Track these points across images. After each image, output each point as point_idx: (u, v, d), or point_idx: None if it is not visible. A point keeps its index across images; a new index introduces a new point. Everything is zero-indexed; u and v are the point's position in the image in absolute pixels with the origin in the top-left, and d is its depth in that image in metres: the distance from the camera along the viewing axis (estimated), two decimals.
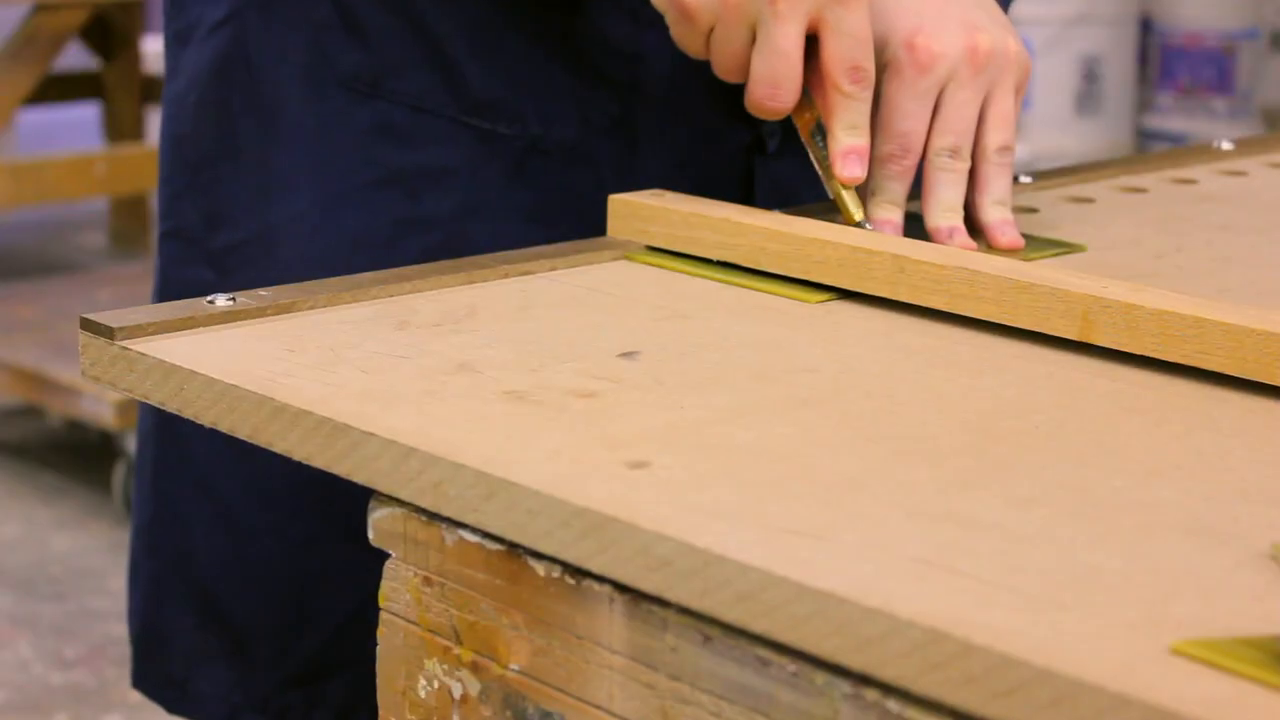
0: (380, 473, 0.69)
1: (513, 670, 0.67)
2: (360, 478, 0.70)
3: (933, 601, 0.56)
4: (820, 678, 0.59)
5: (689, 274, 0.93)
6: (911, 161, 0.97)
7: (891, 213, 0.97)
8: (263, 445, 0.74)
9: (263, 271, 1.07)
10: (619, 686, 0.64)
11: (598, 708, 0.65)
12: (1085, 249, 0.98)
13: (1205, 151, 1.26)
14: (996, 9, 1.01)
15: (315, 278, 1.00)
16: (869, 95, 0.95)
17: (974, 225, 0.98)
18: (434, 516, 0.69)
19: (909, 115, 0.96)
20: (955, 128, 0.97)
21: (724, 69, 0.95)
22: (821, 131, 0.96)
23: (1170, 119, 3.39)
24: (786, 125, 1.04)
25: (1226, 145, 1.27)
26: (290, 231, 1.07)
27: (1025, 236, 0.99)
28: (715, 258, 0.93)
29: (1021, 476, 0.67)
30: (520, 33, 1.06)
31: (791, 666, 0.59)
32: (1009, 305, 0.84)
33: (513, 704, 0.68)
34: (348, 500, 1.06)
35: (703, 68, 1.01)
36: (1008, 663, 0.53)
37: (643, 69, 1.05)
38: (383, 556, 0.69)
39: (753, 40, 0.93)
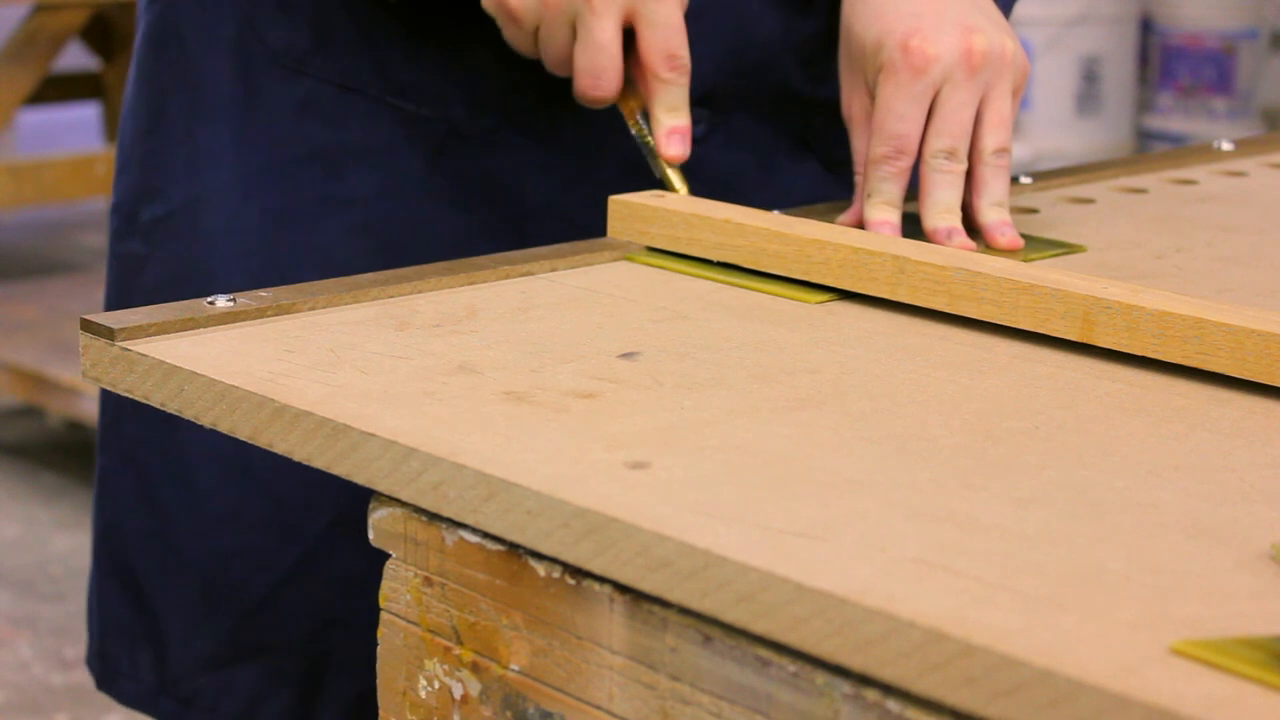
0: (380, 473, 0.69)
1: (513, 670, 0.67)
2: (360, 478, 0.70)
3: (933, 602, 0.56)
4: (820, 678, 0.59)
5: (688, 274, 0.93)
6: (906, 163, 0.98)
7: (888, 214, 0.97)
8: (263, 446, 0.74)
9: (187, 244, 1.08)
10: (619, 687, 0.64)
11: (598, 708, 0.65)
12: (1085, 250, 0.98)
13: (1205, 152, 1.26)
14: (995, 11, 1.01)
15: (238, 251, 1.01)
16: (686, 80, 0.97)
17: (972, 227, 0.98)
18: (434, 517, 0.69)
19: (903, 117, 0.97)
20: (951, 130, 0.97)
21: (553, 64, 0.98)
22: (646, 117, 1.00)
23: (1170, 119, 3.39)
24: (713, 111, 1.07)
25: (1226, 145, 1.27)
26: (215, 204, 1.07)
27: (1025, 237, 0.99)
28: (715, 258, 0.93)
29: (1021, 477, 0.67)
30: (449, 17, 1.06)
31: (792, 667, 0.59)
32: (1009, 306, 0.84)
33: (513, 704, 0.68)
34: (270, 476, 1.07)
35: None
36: (1008, 663, 0.53)
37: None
38: (299, 543, 0.70)
39: (574, 37, 0.96)
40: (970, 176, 0.99)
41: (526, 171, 1.06)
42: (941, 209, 0.97)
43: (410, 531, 0.70)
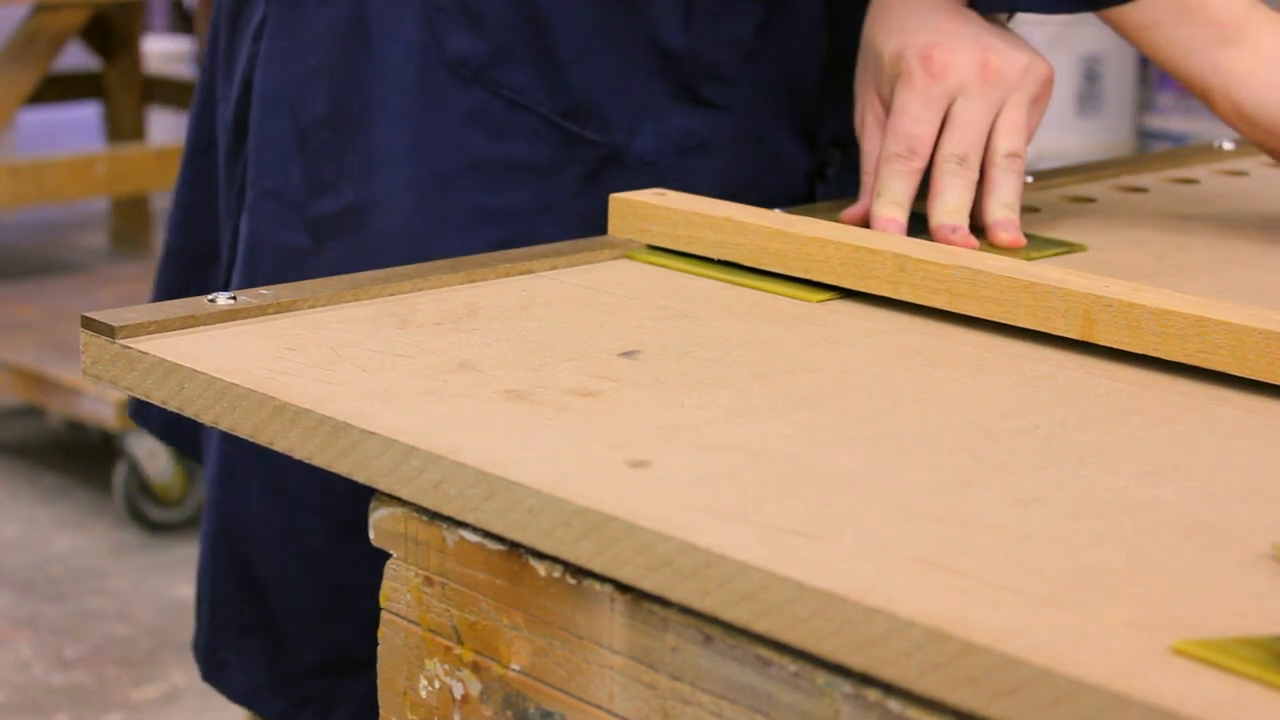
0: (381, 472, 0.69)
1: (513, 670, 0.67)
2: (361, 477, 0.70)
3: (933, 601, 0.56)
4: (821, 677, 0.59)
5: (688, 273, 0.93)
6: (918, 164, 0.99)
7: (895, 212, 0.98)
8: (263, 444, 0.74)
9: (355, 243, 1.08)
10: (619, 686, 0.64)
11: (598, 708, 0.65)
12: (1086, 249, 0.98)
13: (1205, 151, 1.26)
14: (1013, 34, 1.03)
15: (402, 255, 1.01)
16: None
17: (979, 228, 0.99)
18: (435, 516, 0.69)
19: (916, 119, 0.99)
20: (965, 137, 0.99)
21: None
22: None
23: (1171, 119, 3.39)
24: (846, 152, 1.09)
25: (1227, 145, 1.27)
26: (386, 207, 1.07)
27: (1027, 235, 1.00)
28: (716, 257, 0.93)
29: (1022, 476, 0.67)
30: (623, 43, 1.07)
31: (792, 666, 0.59)
32: (1010, 304, 0.84)
33: (513, 704, 0.68)
34: None
35: (778, 95, 1.07)
36: (1008, 662, 0.53)
37: (730, 91, 1.07)
38: None
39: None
40: (982, 178, 1.00)
41: None
42: (948, 210, 0.98)
43: (411, 531, 0.70)
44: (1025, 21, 3.34)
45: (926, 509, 0.63)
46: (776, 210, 0.97)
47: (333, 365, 0.77)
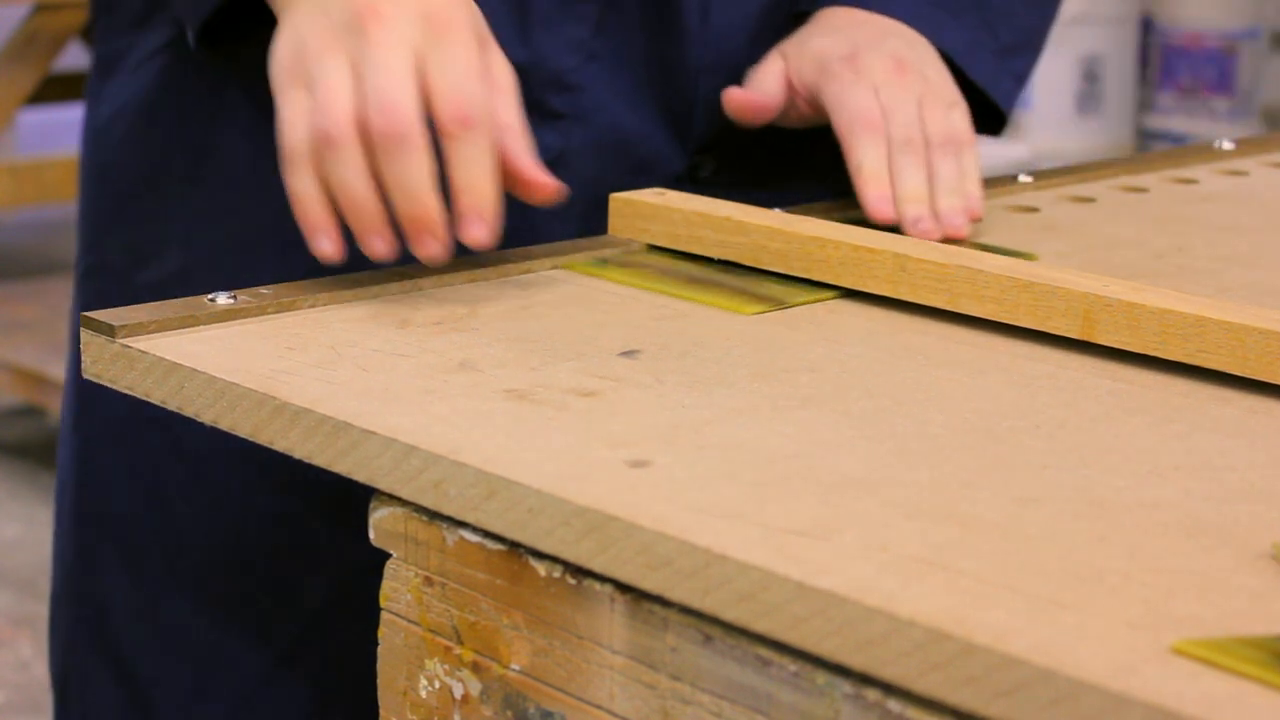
0: (380, 471, 0.69)
1: (514, 670, 0.67)
2: (361, 476, 0.70)
3: (933, 601, 0.56)
4: (821, 677, 0.59)
5: (623, 284, 0.91)
6: (885, 132, 0.99)
7: (885, 186, 0.99)
8: (263, 444, 0.74)
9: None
10: (619, 686, 0.64)
11: (598, 708, 0.65)
12: (1036, 258, 0.96)
13: (1206, 151, 1.26)
14: (935, 59, 1.04)
15: None
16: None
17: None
18: (434, 516, 0.69)
19: (868, 95, 0.99)
20: (900, 120, 0.99)
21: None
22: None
23: (1171, 119, 3.38)
24: (720, 152, 1.06)
25: (1227, 145, 1.27)
26: (210, 270, 1.03)
27: (977, 245, 0.97)
28: (716, 256, 0.93)
29: (1022, 476, 0.67)
30: None
31: (792, 666, 0.59)
32: (1010, 304, 0.84)
33: (513, 704, 0.68)
34: (267, 560, 1.03)
35: (638, 98, 1.03)
36: (1009, 662, 0.53)
37: (583, 99, 1.03)
38: (297, 616, 0.70)
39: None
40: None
41: (537, 216, 0.99)
42: (913, 194, 0.98)
43: (411, 531, 0.70)
44: None
45: (926, 509, 0.63)
46: (777, 210, 0.97)
47: (333, 365, 0.77)
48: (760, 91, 1.03)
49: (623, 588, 0.63)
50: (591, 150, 1.04)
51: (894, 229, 0.96)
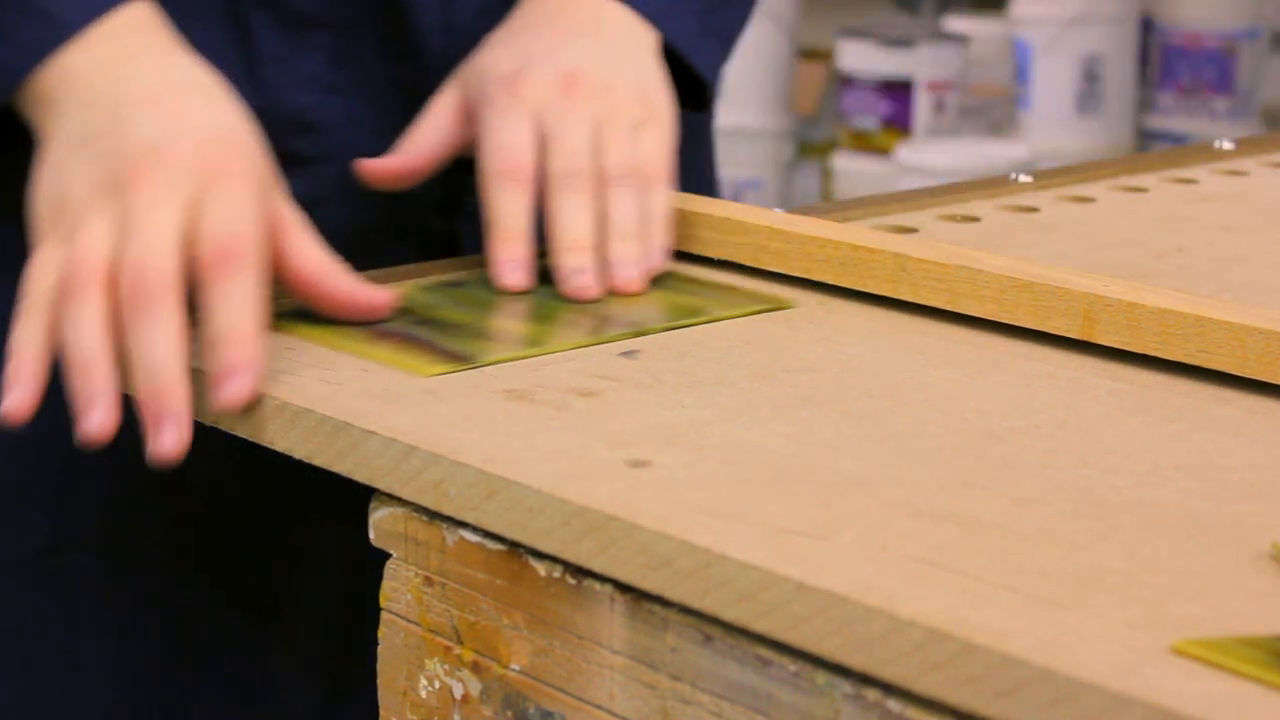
0: (380, 471, 0.69)
1: (513, 670, 0.67)
2: (361, 476, 0.70)
3: (933, 601, 0.56)
4: (821, 677, 0.59)
5: (309, 339, 0.81)
6: (525, 175, 0.86)
7: (515, 244, 0.86)
8: (264, 444, 0.74)
9: None
10: (619, 686, 0.64)
11: (598, 708, 0.65)
12: (792, 306, 0.86)
13: (1205, 151, 1.26)
14: (635, 57, 0.92)
15: None
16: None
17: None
18: (434, 516, 0.69)
19: (509, 130, 0.87)
20: (569, 149, 0.87)
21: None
22: None
23: (1171, 119, 3.38)
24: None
25: (1227, 145, 1.26)
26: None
27: (729, 290, 0.87)
28: (716, 256, 0.93)
29: (1022, 476, 0.67)
30: None
31: (792, 666, 0.59)
32: (1010, 304, 0.84)
33: (513, 704, 0.68)
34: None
35: (387, 130, 0.94)
36: (1008, 662, 0.53)
37: (329, 139, 0.95)
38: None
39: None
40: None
41: None
42: (572, 239, 0.85)
43: (411, 531, 0.70)
44: (1024, 23, 3.34)
45: (926, 508, 0.63)
46: (776, 210, 0.97)
47: (332, 365, 0.77)
48: (411, 146, 0.91)
49: (623, 588, 0.63)
50: (345, 193, 0.94)
51: (555, 296, 0.85)
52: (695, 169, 1.07)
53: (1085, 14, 3.31)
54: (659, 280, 0.86)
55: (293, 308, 0.83)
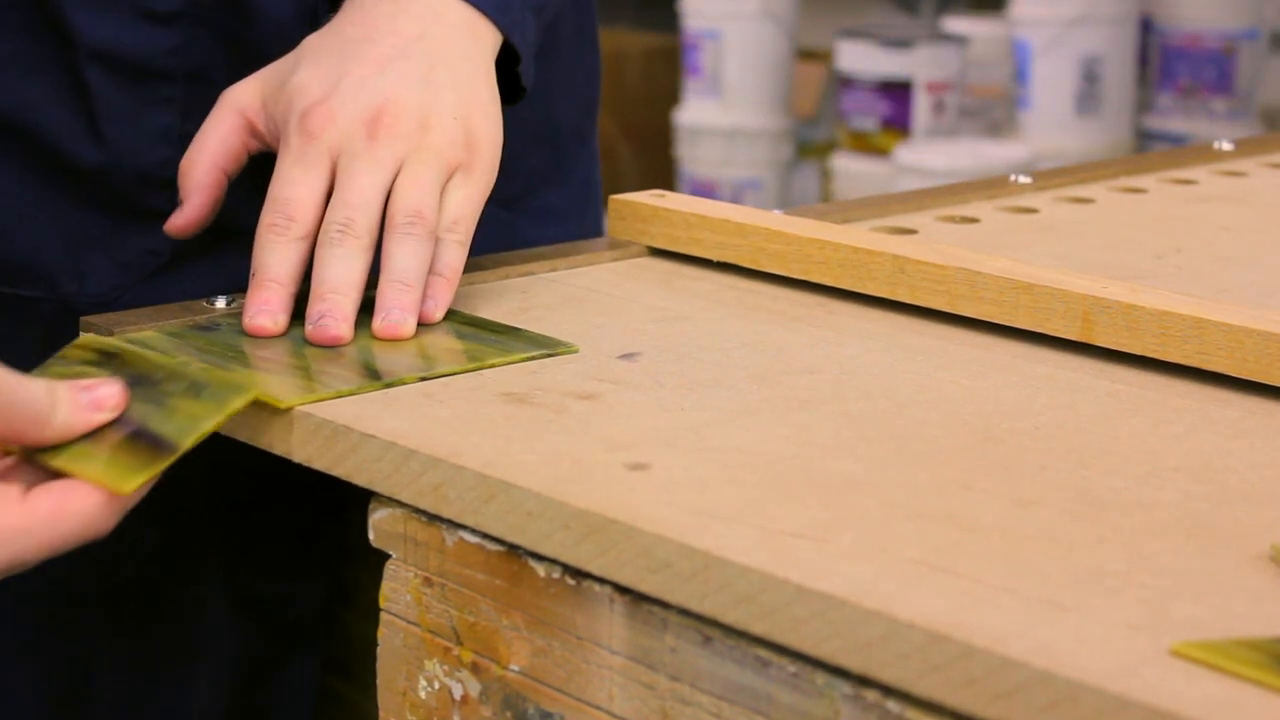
0: (380, 474, 0.69)
1: (513, 671, 0.67)
2: (361, 480, 0.70)
3: (933, 603, 0.56)
4: (820, 679, 0.59)
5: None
6: (299, 232, 0.81)
7: (273, 292, 0.81)
8: (263, 447, 0.74)
9: None
10: (619, 687, 0.64)
11: (598, 708, 0.65)
12: (577, 350, 0.81)
13: (1205, 152, 1.26)
14: (469, 82, 0.86)
15: None
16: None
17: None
18: (434, 517, 0.69)
19: (293, 181, 0.82)
20: (347, 199, 0.81)
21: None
22: None
23: (1170, 119, 3.39)
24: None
25: (1226, 145, 1.27)
26: None
27: (510, 329, 0.83)
28: (716, 258, 0.93)
29: (1021, 477, 0.67)
30: (37, 175, 0.91)
31: (791, 667, 0.59)
32: (1009, 306, 0.84)
33: (513, 705, 0.68)
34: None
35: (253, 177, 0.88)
36: (1008, 664, 0.53)
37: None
38: None
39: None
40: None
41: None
42: (326, 289, 0.80)
43: (410, 532, 0.70)
44: (1023, 23, 3.34)
45: (926, 510, 0.63)
46: (776, 212, 0.97)
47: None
48: (193, 185, 0.85)
49: (622, 588, 0.63)
50: (210, 244, 0.90)
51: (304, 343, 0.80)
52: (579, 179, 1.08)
53: (1084, 14, 3.32)
54: (435, 326, 0.82)
55: (182, 326, 0.82)
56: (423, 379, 0.75)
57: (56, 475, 0.69)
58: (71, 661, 0.95)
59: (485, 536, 0.67)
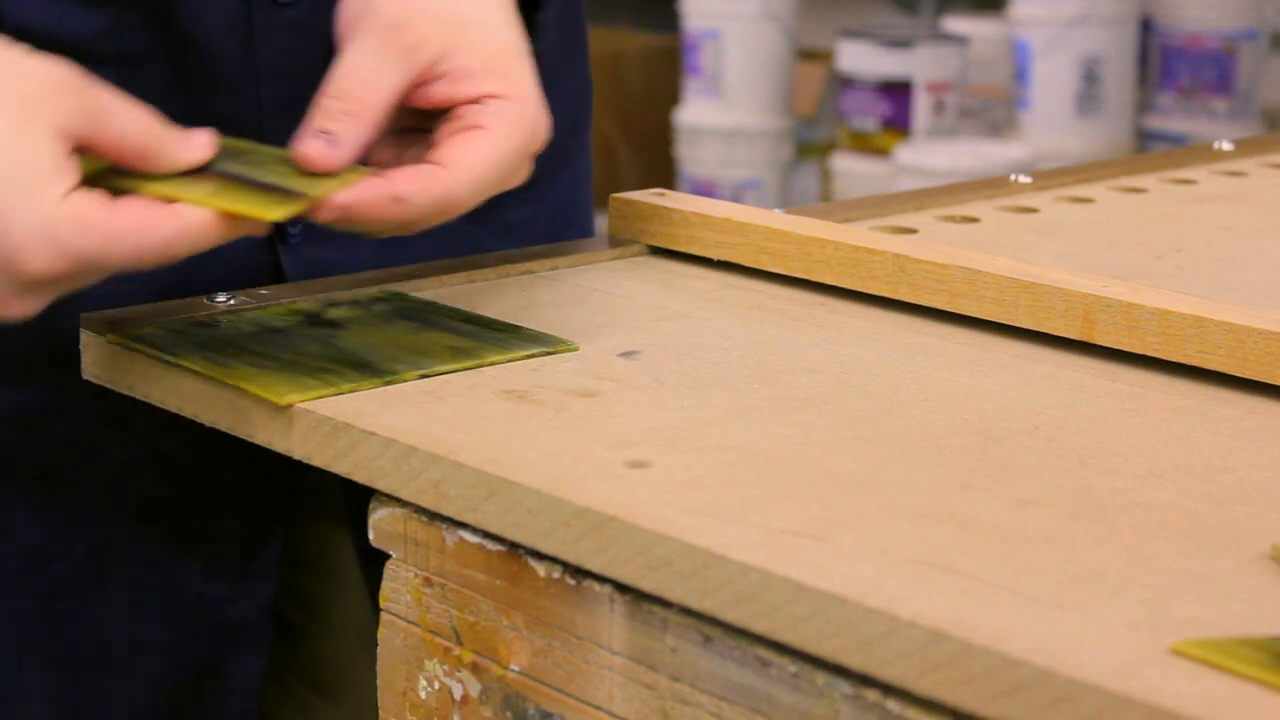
0: (380, 472, 0.69)
1: (513, 671, 0.67)
2: (360, 477, 0.70)
3: (933, 602, 0.56)
4: (821, 678, 0.59)
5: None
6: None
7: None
8: (262, 444, 0.74)
9: None
10: (619, 687, 0.64)
11: (598, 708, 0.65)
12: (577, 348, 0.81)
13: (1205, 152, 1.26)
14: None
15: None
16: None
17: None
18: (434, 517, 0.69)
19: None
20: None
21: None
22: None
23: (1170, 119, 3.39)
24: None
25: (1226, 146, 1.26)
26: None
27: (512, 327, 0.82)
28: (715, 257, 0.93)
29: (1022, 477, 0.67)
30: None
31: (792, 667, 0.59)
32: (1010, 305, 0.84)
33: (513, 705, 0.68)
34: None
35: None
36: (1008, 663, 0.53)
37: None
38: None
39: None
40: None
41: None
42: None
43: (410, 532, 0.70)
44: (1023, 24, 3.34)
45: (926, 510, 0.63)
46: (776, 210, 0.97)
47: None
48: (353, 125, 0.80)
49: (622, 588, 0.63)
50: None
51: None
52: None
53: (1084, 15, 3.32)
54: (434, 323, 0.82)
55: (149, 332, 0.81)
56: (423, 376, 0.76)
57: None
58: (3, 660, 0.95)
59: (485, 536, 0.67)
